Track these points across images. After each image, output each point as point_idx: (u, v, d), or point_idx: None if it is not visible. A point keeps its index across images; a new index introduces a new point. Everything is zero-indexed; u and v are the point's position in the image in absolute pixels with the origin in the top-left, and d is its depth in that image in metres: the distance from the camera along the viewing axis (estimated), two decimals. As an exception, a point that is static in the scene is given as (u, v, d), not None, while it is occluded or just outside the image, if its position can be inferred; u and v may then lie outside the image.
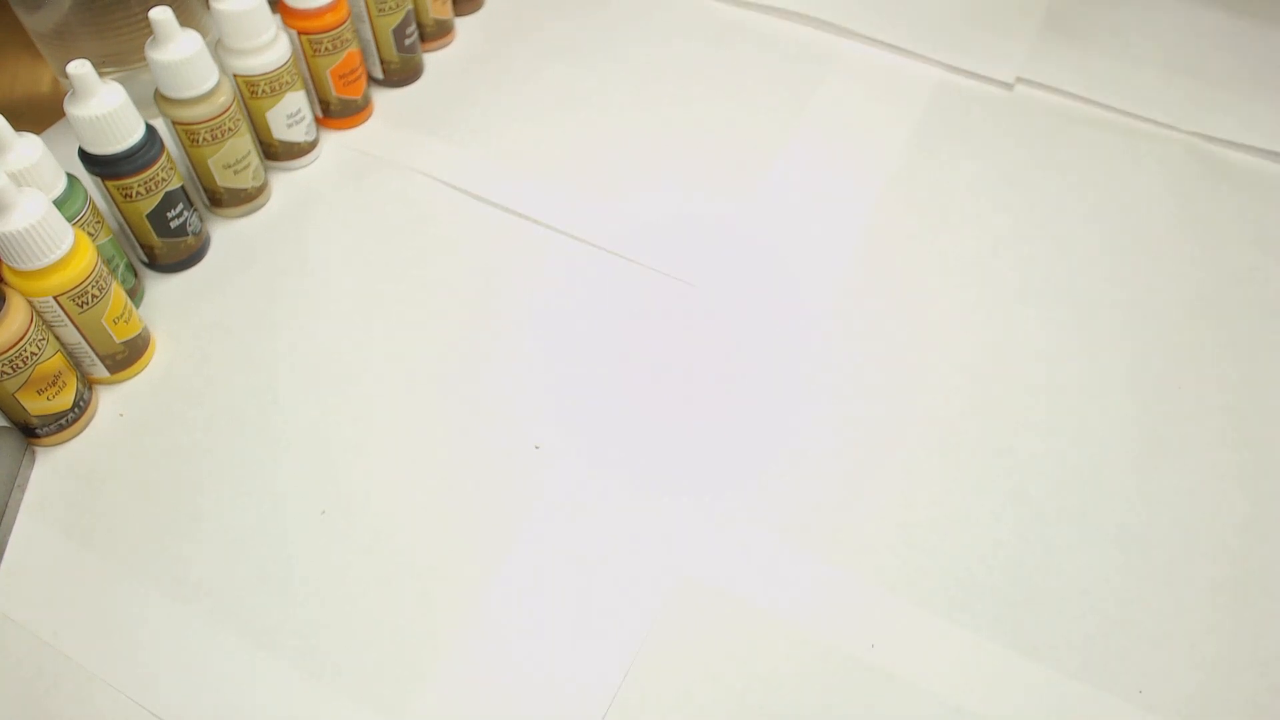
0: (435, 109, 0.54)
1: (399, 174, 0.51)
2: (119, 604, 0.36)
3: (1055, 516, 0.38)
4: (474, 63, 0.57)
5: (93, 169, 0.42)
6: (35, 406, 0.38)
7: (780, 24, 0.59)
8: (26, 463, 0.40)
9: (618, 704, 0.34)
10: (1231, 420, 0.41)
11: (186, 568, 0.37)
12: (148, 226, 0.44)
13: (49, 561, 0.37)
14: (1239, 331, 0.44)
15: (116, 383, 0.42)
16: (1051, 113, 0.53)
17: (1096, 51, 0.56)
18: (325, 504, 0.38)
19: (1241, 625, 0.35)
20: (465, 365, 0.43)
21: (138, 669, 0.35)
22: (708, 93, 0.54)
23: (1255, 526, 0.38)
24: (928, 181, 0.50)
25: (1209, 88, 0.54)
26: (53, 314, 0.38)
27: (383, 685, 0.34)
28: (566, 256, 0.47)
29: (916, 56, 0.56)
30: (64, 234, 0.37)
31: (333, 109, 0.52)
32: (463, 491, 0.39)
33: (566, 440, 0.40)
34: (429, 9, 0.55)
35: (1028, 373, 0.42)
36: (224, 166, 0.46)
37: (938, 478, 0.39)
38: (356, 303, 0.45)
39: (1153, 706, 0.33)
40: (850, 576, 0.36)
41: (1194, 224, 0.48)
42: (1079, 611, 0.36)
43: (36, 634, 0.35)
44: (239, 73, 0.46)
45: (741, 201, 0.49)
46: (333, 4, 0.48)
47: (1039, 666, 0.34)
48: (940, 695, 0.34)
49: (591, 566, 0.37)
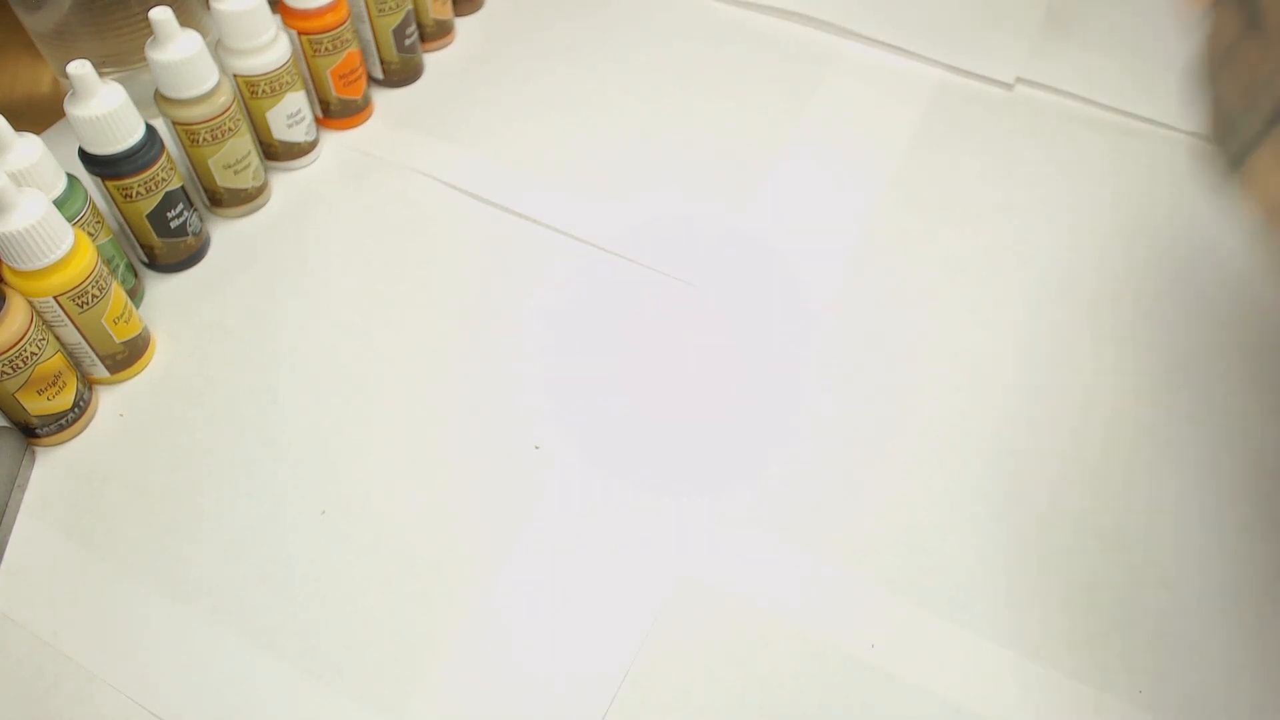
0: (435, 109, 0.54)
1: (399, 174, 0.51)
2: (119, 604, 0.36)
3: (1055, 516, 0.38)
4: (474, 63, 0.57)
5: (93, 169, 0.42)
6: (35, 406, 0.38)
7: (780, 24, 0.59)
8: (26, 463, 0.40)
9: (618, 704, 0.34)
10: (1232, 420, 0.41)
11: (186, 568, 0.37)
12: (148, 226, 0.44)
13: (49, 561, 0.37)
14: (1239, 331, 0.44)
15: (116, 383, 0.42)
16: (1051, 113, 0.53)
17: (1096, 51, 0.56)
18: (325, 504, 0.38)
19: (1241, 625, 0.35)
20: (465, 365, 0.43)
21: (138, 669, 0.35)
22: (708, 93, 0.54)
23: (1256, 526, 0.38)
24: (928, 181, 0.50)
25: (1209, 88, 0.54)
26: (53, 314, 0.38)
27: (383, 685, 0.34)
28: (566, 256, 0.47)
29: (917, 56, 0.56)
30: (64, 234, 0.37)
31: (333, 109, 0.52)
32: (463, 492, 0.39)
33: (566, 440, 0.40)
34: (429, 9, 0.55)
35: (1028, 372, 0.42)
36: (224, 166, 0.46)
37: (938, 477, 0.39)
38: (356, 303, 0.45)
39: (1153, 706, 0.33)
40: (850, 576, 0.36)
41: (1194, 224, 0.48)
42: (1079, 611, 0.36)
43: (36, 634, 0.35)
44: (239, 73, 0.46)
45: (742, 201, 0.49)
46: (333, 4, 0.48)
47: (1039, 666, 0.34)
48: (940, 695, 0.34)
49: (591, 566, 0.37)
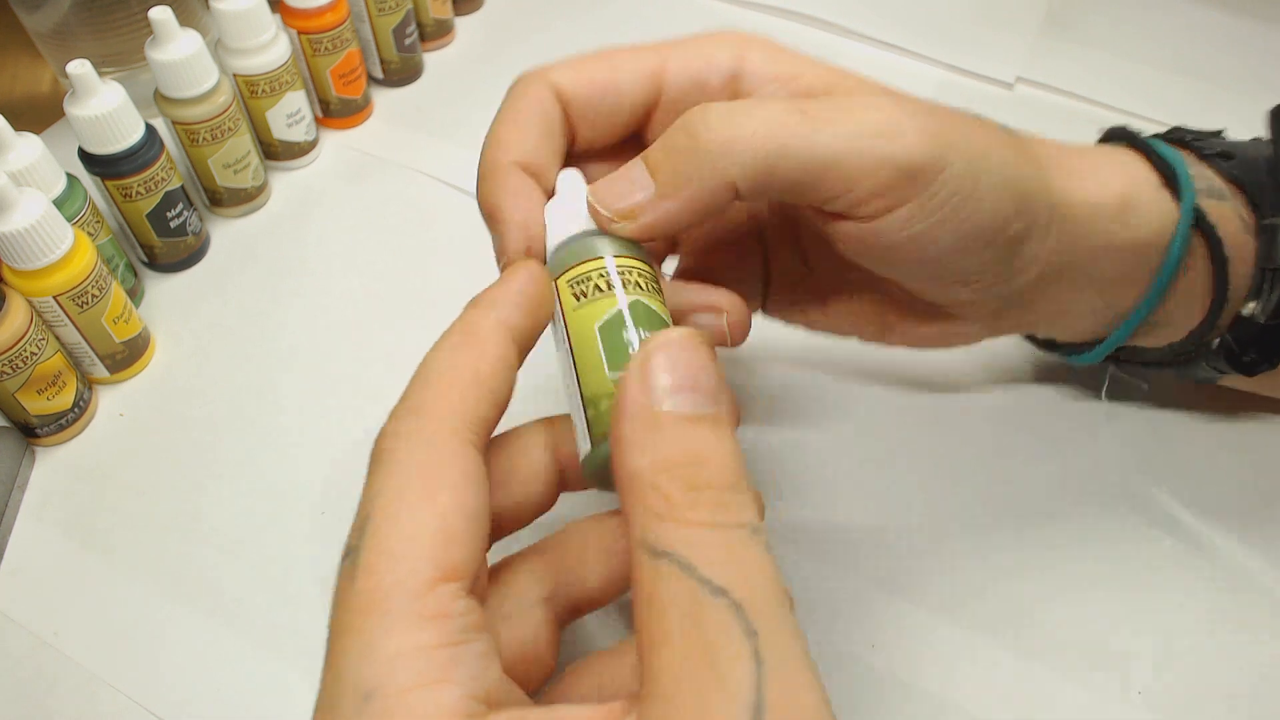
0: (435, 109, 0.54)
1: (399, 174, 0.51)
2: (119, 604, 0.36)
3: (1055, 516, 0.38)
4: (474, 63, 0.57)
5: (93, 169, 0.42)
6: (35, 406, 0.38)
7: (780, 23, 0.59)
8: (26, 463, 0.40)
9: (618, 704, 0.34)
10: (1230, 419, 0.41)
11: (186, 568, 0.37)
12: (148, 226, 0.44)
13: (49, 561, 0.37)
14: (1239, 331, 0.44)
15: (116, 383, 0.42)
16: (1052, 112, 0.53)
17: (1096, 51, 0.56)
18: (325, 504, 0.38)
19: (1241, 625, 0.35)
20: (465, 365, 0.43)
21: (138, 669, 0.35)
22: (708, 92, 0.54)
23: (1253, 526, 0.38)
24: (928, 181, 0.50)
25: (1210, 87, 0.54)
26: (53, 314, 0.38)
27: (383, 685, 0.34)
28: (566, 256, 0.47)
29: (917, 56, 0.56)
30: (64, 234, 0.37)
31: (333, 109, 0.52)
32: (463, 491, 0.39)
33: (566, 440, 0.40)
34: (429, 9, 0.55)
35: (1028, 372, 0.42)
36: (224, 166, 0.46)
37: (938, 477, 0.39)
38: (356, 302, 0.45)
39: (1153, 706, 0.33)
40: (851, 576, 0.36)
41: (1194, 224, 0.48)
42: (1079, 611, 0.36)
43: (36, 634, 0.35)
44: (239, 72, 0.46)
45: (741, 201, 0.49)
46: (333, 4, 0.48)
47: (1039, 666, 0.34)
48: (940, 695, 0.34)
49: (591, 566, 0.37)
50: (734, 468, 0.19)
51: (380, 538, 0.20)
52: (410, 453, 0.22)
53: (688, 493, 0.19)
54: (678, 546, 0.18)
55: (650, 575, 0.18)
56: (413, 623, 0.18)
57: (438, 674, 0.18)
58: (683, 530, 0.18)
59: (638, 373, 0.21)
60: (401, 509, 0.20)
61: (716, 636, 0.17)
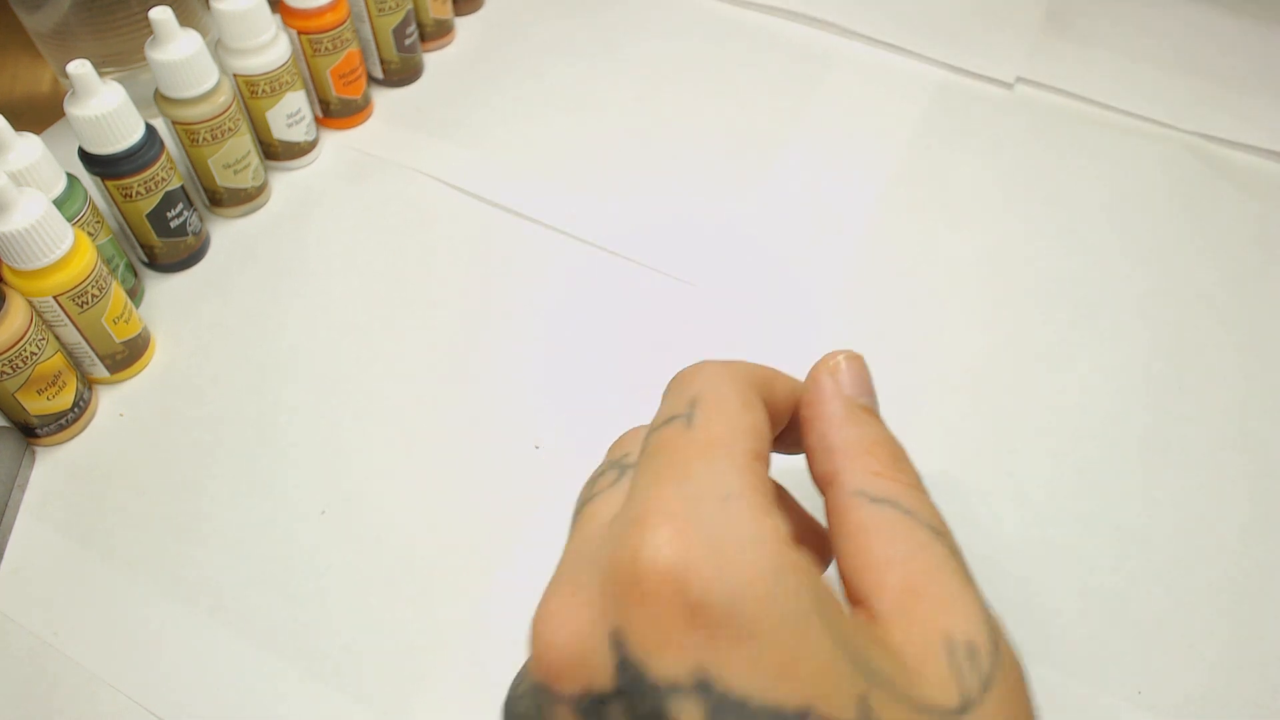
0: (435, 109, 0.54)
1: (399, 174, 0.51)
2: (119, 604, 0.36)
3: (1056, 516, 0.38)
4: (474, 63, 0.57)
5: (93, 169, 0.42)
6: (35, 406, 0.38)
7: (781, 23, 0.59)
8: (26, 463, 0.40)
9: (618, 704, 0.34)
10: (1233, 420, 0.41)
11: (187, 568, 0.37)
12: (148, 226, 0.44)
13: (49, 561, 0.37)
14: (1241, 331, 0.44)
15: (116, 383, 0.42)
16: (1052, 112, 0.53)
17: (1096, 51, 0.56)
18: (325, 504, 0.38)
19: (1241, 625, 0.35)
20: (465, 365, 0.43)
21: (138, 669, 0.35)
22: (708, 92, 0.54)
23: (1256, 527, 0.38)
24: (928, 181, 0.50)
25: (1210, 87, 0.54)
26: (53, 314, 0.38)
27: (383, 685, 0.34)
28: (566, 256, 0.47)
29: (917, 56, 0.56)
30: (64, 234, 0.37)
31: (333, 109, 0.52)
32: (463, 491, 0.39)
33: (566, 440, 0.40)
34: (429, 9, 0.55)
35: (1028, 372, 0.42)
36: (224, 166, 0.46)
37: (938, 477, 0.39)
38: (356, 302, 0.45)
39: (1153, 706, 0.33)
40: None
41: (1195, 223, 0.48)
42: (1079, 611, 0.35)
43: (36, 634, 0.35)
44: (239, 72, 0.46)
45: (742, 201, 0.49)
46: (333, 4, 0.48)
47: (1039, 666, 0.34)
48: (940, 695, 0.34)
49: (591, 566, 0.37)
50: (906, 453, 0.24)
51: (712, 411, 0.22)
52: (726, 374, 0.24)
53: (894, 462, 0.24)
54: (899, 497, 0.23)
55: (873, 513, 0.22)
56: (750, 462, 0.21)
57: (773, 504, 0.21)
58: (898, 486, 0.23)
59: (830, 374, 0.25)
60: (726, 400, 0.23)
61: (946, 560, 0.22)
